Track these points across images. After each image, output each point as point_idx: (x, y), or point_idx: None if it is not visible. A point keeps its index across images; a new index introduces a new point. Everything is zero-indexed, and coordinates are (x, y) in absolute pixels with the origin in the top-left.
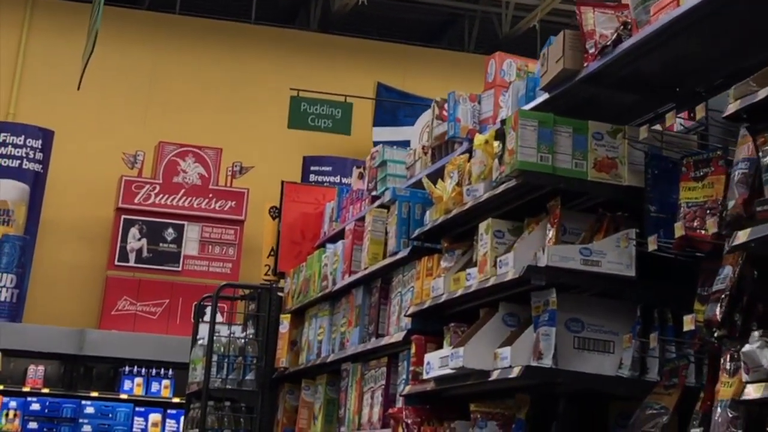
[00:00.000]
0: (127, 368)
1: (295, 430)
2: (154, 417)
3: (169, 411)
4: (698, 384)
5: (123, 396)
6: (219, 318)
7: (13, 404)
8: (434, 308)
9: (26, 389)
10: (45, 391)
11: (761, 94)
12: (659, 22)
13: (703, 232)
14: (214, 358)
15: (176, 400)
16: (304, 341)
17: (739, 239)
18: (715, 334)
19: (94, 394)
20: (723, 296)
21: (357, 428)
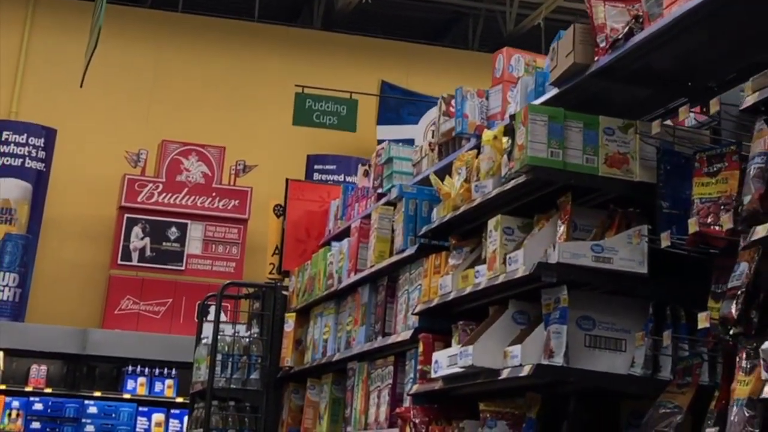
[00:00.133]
0: (130, 368)
1: (301, 429)
2: (158, 417)
3: (172, 411)
4: (712, 383)
5: (126, 396)
6: (223, 317)
7: (15, 404)
8: (442, 306)
9: (29, 389)
10: (48, 390)
11: None
12: (672, 14)
13: (717, 228)
14: (219, 358)
15: (180, 399)
16: (309, 340)
17: (757, 234)
18: (731, 332)
19: (97, 394)
20: (739, 293)
21: (363, 428)
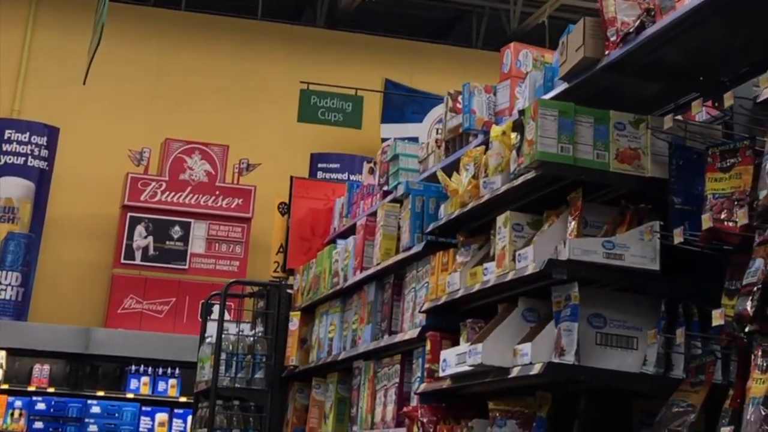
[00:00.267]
0: (133, 367)
1: (306, 429)
2: (161, 416)
3: (176, 410)
4: (725, 381)
5: (129, 395)
6: (226, 316)
7: (18, 404)
8: (450, 304)
9: (31, 388)
10: (50, 390)
11: None
12: (684, 7)
13: (731, 224)
14: (223, 357)
15: (183, 399)
16: (314, 339)
17: None
18: (746, 329)
19: (100, 394)
20: (754, 290)
21: (370, 427)
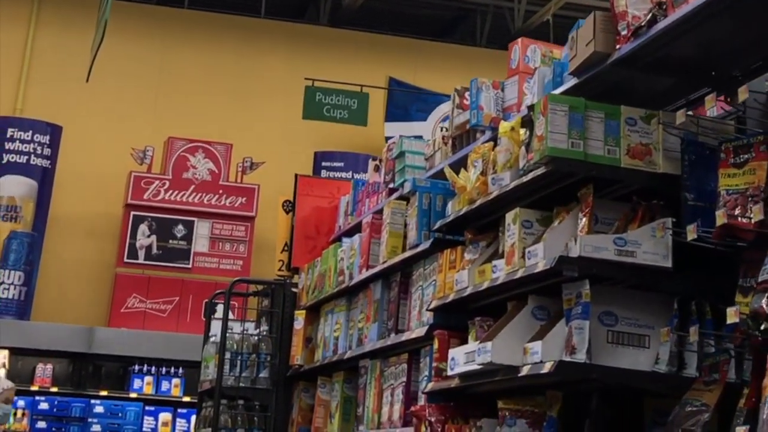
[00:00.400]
0: (136, 367)
1: (311, 429)
2: (165, 416)
3: (179, 410)
4: (739, 380)
5: (133, 395)
6: (230, 315)
7: (21, 403)
8: (458, 302)
9: (34, 388)
10: (54, 390)
11: None
12: (697, 1)
13: (745, 220)
14: (227, 356)
15: (187, 399)
16: (319, 338)
17: None
18: (762, 327)
19: (103, 393)
20: None
21: (377, 427)
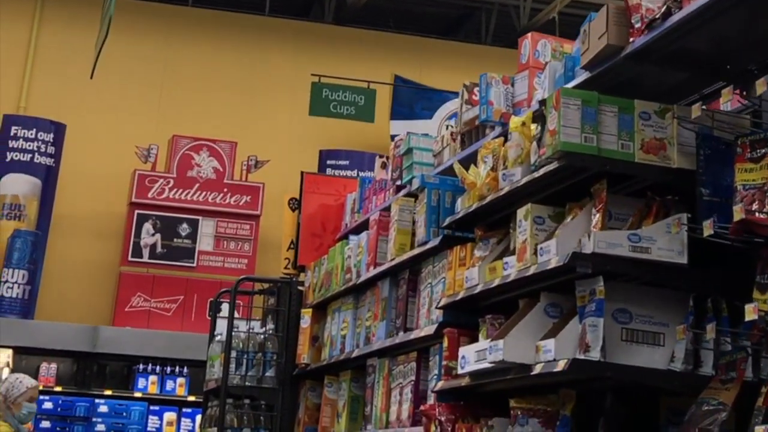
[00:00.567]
0: (141, 366)
1: (318, 428)
2: (169, 416)
3: (184, 410)
4: (756, 378)
5: (137, 394)
6: (236, 313)
7: None
8: (468, 299)
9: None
10: (58, 389)
11: None
12: None
13: (763, 215)
14: (233, 355)
15: (191, 398)
16: (326, 336)
17: None
18: None
19: (107, 393)
20: None
21: (385, 426)
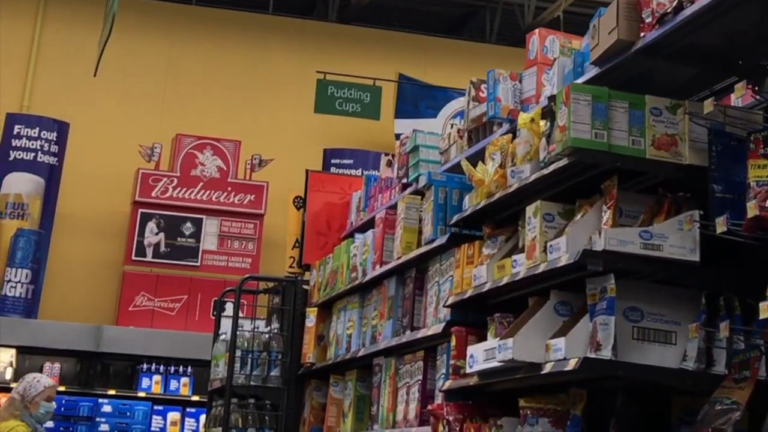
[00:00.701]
0: (145, 365)
1: (324, 428)
2: (173, 416)
3: (188, 409)
4: None
5: (141, 394)
6: (240, 313)
7: None
8: (476, 298)
9: None
10: (61, 389)
11: None
12: None
13: None
14: (238, 354)
15: (195, 398)
16: (332, 335)
17: None
18: None
19: (111, 392)
20: None
21: (392, 426)
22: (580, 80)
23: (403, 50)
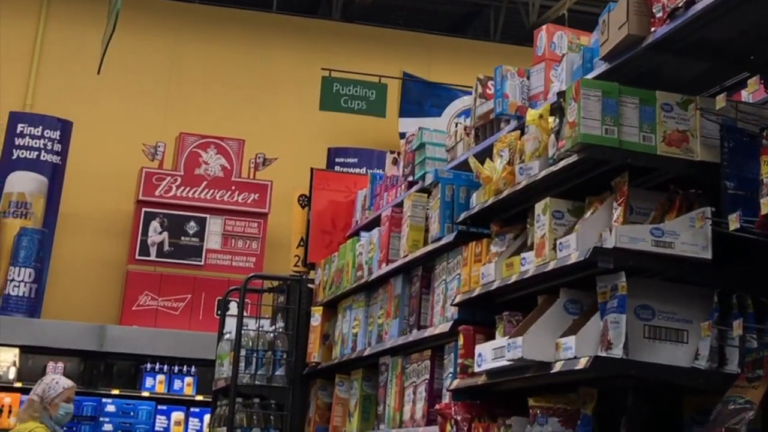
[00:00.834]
0: (148, 365)
1: (329, 428)
2: (177, 415)
3: (192, 409)
4: None
5: (145, 394)
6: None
7: None
8: (484, 296)
9: None
10: None
11: None
12: None
13: None
14: (242, 353)
15: (199, 398)
16: (337, 334)
17: None
18: None
19: (115, 392)
20: None
21: (398, 425)
22: (589, 76)
23: (407, 49)
